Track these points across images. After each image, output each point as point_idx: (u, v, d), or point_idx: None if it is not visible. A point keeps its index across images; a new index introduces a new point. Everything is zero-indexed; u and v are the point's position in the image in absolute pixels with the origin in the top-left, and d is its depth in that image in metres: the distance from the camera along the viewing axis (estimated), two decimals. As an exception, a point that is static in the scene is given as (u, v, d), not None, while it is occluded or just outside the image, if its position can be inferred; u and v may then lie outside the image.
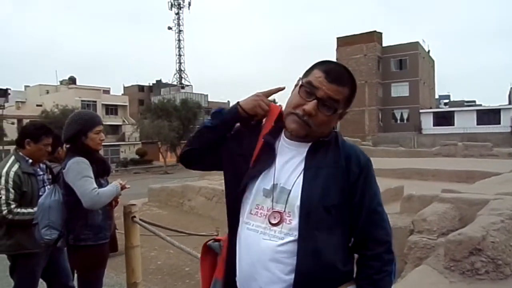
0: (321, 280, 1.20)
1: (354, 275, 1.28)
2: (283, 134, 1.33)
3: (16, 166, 2.74)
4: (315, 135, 1.26)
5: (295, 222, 1.20)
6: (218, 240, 1.43)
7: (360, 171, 1.25)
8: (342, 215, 1.23)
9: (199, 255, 1.49)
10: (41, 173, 2.92)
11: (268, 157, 1.29)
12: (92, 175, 2.42)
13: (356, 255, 1.31)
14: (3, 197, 2.64)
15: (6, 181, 2.66)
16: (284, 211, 1.22)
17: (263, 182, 1.26)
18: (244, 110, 1.37)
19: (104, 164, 2.64)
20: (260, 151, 1.30)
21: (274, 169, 1.27)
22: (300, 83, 1.27)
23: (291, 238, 1.20)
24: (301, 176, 1.23)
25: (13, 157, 2.82)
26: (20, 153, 2.82)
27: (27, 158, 2.81)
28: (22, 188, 2.70)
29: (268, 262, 1.20)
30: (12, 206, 2.66)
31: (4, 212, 2.63)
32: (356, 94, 1.33)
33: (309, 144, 1.28)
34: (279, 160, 1.28)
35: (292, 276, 1.18)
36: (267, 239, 1.21)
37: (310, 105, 1.21)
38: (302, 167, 1.25)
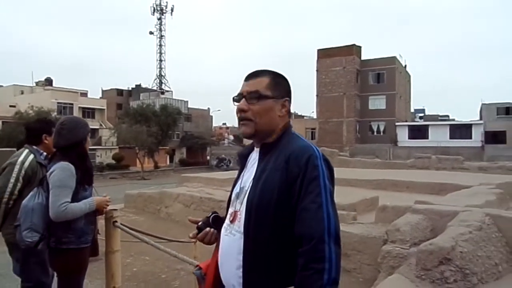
0: (265, 277, 1.27)
1: None
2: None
3: (31, 157, 2.86)
4: (263, 129, 1.39)
5: (242, 220, 1.33)
6: (201, 268, 1.54)
7: (299, 171, 1.26)
8: (283, 215, 1.26)
9: (185, 257, 1.55)
10: None
11: (241, 167, 1.51)
12: (73, 185, 2.42)
13: None
14: (11, 185, 2.74)
15: (20, 170, 2.76)
16: (239, 210, 1.37)
17: (237, 187, 1.46)
18: None
19: (92, 172, 2.67)
20: (240, 164, 1.53)
21: (243, 174, 1.46)
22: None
23: (239, 235, 1.33)
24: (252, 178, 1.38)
25: (27, 150, 2.91)
26: (34, 147, 2.93)
27: (41, 151, 2.93)
28: (30, 180, 2.79)
29: (227, 256, 1.36)
30: (13, 197, 2.75)
31: (4, 199, 2.72)
32: (282, 82, 1.44)
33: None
34: (247, 166, 1.46)
35: (241, 270, 1.30)
36: (227, 235, 1.39)
37: (240, 103, 1.41)
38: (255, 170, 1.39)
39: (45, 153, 2.93)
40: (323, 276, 1.17)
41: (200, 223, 1.55)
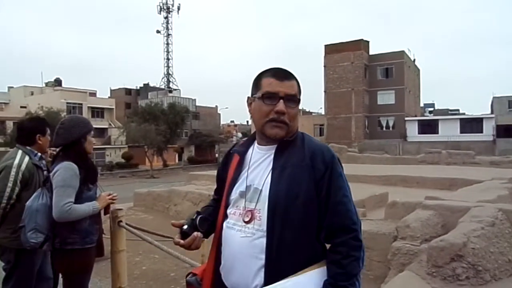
0: (288, 273, 1.26)
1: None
2: (256, 143, 1.46)
3: (27, 158, 2.78)
4: (291, 131, 1.39)
5: (264, 218, 1.30)
6: (195, 274, 1.50)
7: (326, 168, 1.33)
8: (310, 210, 1.30)
9: (187, 259, 1.53)
10: (45, 168, 2.91)
11: (242, 164, 1.45)
12: (77, 184, 2.41)
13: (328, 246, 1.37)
14: (9, 190, 2.67)
15: (17, 173, 2.69)
16: (255, 209, 1.34)
17: (240, 186, 1.41)
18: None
19: (95, 171, 2.65)
20: (237, 162, 1.47)
21: (247, 173, 1.41)
22: (259, 95, 1.37)
23: (261, 234, 1.30)
24: (270, 175, 1.34)
25: (20, 151, 2.83)
26: (28, 147, 2.86)
27: (35, 152, 2.86)
28: (28, 183, 2.73)
29: (244, 257, 1.31)
30: (12, 201, 2.69)
31: (2, 205, 2.66)
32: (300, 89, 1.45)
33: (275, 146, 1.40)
34: (251, 165, 1.42)
35: (263, 271, 1.28)
36: (243, 236, 1.33)
37: (280, 105, 1.34)
38: (271, 168, 1.36)
39: (39, 154, 2.88)
40: (360, 263, 1.29)
41: (185, 227, 1.41)
